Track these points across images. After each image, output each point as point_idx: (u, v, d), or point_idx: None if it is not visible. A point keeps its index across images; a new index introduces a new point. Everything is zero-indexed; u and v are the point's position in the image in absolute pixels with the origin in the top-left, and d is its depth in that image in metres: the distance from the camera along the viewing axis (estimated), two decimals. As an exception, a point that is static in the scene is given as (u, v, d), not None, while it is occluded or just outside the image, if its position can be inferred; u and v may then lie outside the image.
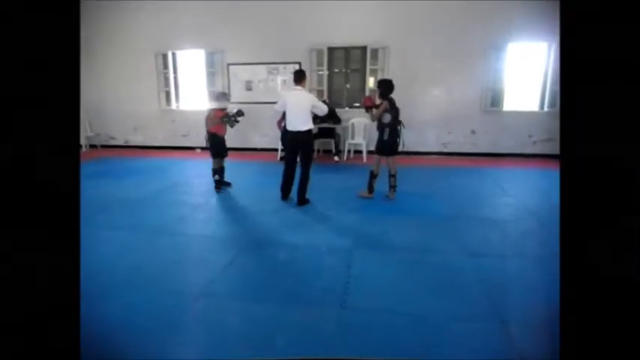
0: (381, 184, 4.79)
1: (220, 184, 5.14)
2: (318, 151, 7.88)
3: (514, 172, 6.37)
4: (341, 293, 2.58)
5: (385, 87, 4.48)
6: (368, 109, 4.61)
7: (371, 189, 4.71)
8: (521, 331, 2.17)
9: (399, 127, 4.53)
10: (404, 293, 2.59)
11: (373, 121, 4.63)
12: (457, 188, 5.34)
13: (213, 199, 4.86)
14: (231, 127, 5.05)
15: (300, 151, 4.48)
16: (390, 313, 2.35)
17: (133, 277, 2.85)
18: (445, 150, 7.71)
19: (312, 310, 2.40)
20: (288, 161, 4.55)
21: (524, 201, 4.76)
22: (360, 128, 7.35)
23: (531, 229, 3.84)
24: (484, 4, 6.95)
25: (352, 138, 7.35)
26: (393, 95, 4.50)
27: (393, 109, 4.45)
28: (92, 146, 8.96)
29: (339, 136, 7.50)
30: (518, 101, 7.77)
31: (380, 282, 2.75)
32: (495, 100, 7.50)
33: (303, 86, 4.48)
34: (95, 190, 5.15)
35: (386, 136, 4.48)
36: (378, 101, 4.61)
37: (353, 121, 7.35)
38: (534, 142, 7.42)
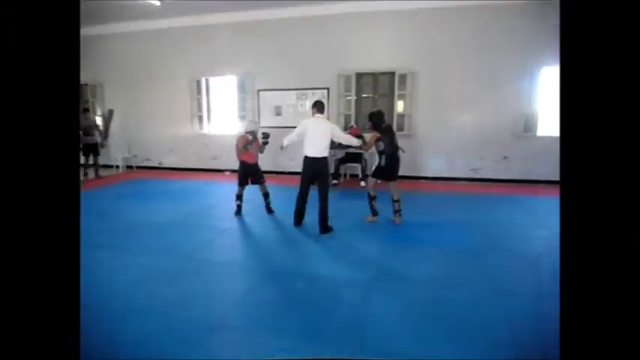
0: (408, 212, 4.70)
1: (240, 210, 5.24)
2: (345, 175, 7.88)
3: (548, 201, 6.07)
4: (359, 330, 2.52)
5: (375, 119, 4.73)
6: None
7: (374, 212, 4.86)
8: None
9: (398, 153, 4.71)
10: (424, 335, 2.49)
11: (366, 151, 5.20)
12: (487, 218, 5.15)
13: (237, 224, 4.93)
14: (261, 152, 5.16)
15: (317, 179, 4.50)
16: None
17: (152, 304, 2.90)
18: (476, 176, 7.50)
19: (329, 347, 2.35)
20: (304, 187, 4.59)
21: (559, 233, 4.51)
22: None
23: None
24: (516, 27, 6.84)
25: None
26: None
27: (387, 136, 4.62)
28: (129, 167, 9.41)
29: (366, 161, 7.46)
30: (553, 126, 7.47)
31: (400, 321, 2.66)
32: (528, 125, 7.26)
33: (323, 115, 4.61)
34: (127, 211, 5.35)
35: (382, 163, 4.70)
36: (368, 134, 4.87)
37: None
38: (571, 169, 7.07)
